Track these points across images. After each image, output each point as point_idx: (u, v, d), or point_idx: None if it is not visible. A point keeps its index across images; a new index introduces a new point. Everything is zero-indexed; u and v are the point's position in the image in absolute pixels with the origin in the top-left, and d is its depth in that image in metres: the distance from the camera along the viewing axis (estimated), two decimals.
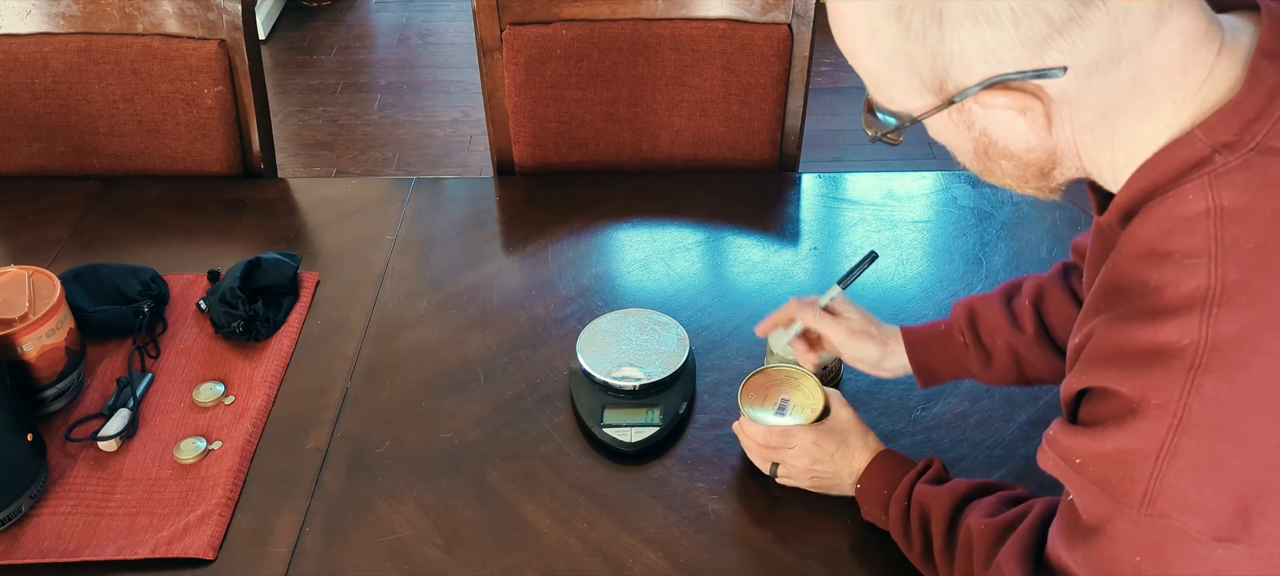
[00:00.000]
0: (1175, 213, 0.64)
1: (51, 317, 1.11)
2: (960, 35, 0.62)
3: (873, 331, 1.06)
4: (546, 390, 1.18)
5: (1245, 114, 0.62)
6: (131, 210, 1.49)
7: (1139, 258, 0.65)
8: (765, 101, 1.59)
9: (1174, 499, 0.63)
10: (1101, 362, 0.67)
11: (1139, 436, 0.63)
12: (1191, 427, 0.61)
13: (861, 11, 0.65)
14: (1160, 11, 0.61)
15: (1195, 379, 0.61)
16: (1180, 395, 0.61)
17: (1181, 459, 0.62)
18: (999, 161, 0.71)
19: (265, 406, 1.16)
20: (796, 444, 1.01)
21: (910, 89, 0.67)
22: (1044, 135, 0.67)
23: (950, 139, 0.72)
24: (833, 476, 1.01)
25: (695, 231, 1.44)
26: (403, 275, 1.36)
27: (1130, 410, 0.64)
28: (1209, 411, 0.61)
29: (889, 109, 0.71)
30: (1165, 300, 0.63)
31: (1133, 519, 0.65)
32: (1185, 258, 0.62)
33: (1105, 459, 0.66)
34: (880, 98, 0.71)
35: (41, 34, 1.55)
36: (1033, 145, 0.68)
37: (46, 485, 1.06)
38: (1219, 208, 0.62)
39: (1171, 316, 0.62)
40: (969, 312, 1.04)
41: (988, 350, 1.02)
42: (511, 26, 1.55)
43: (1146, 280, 0.64)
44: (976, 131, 0.69)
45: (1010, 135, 0.68)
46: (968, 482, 0.91)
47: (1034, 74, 0.62)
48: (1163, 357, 0.62)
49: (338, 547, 1.01)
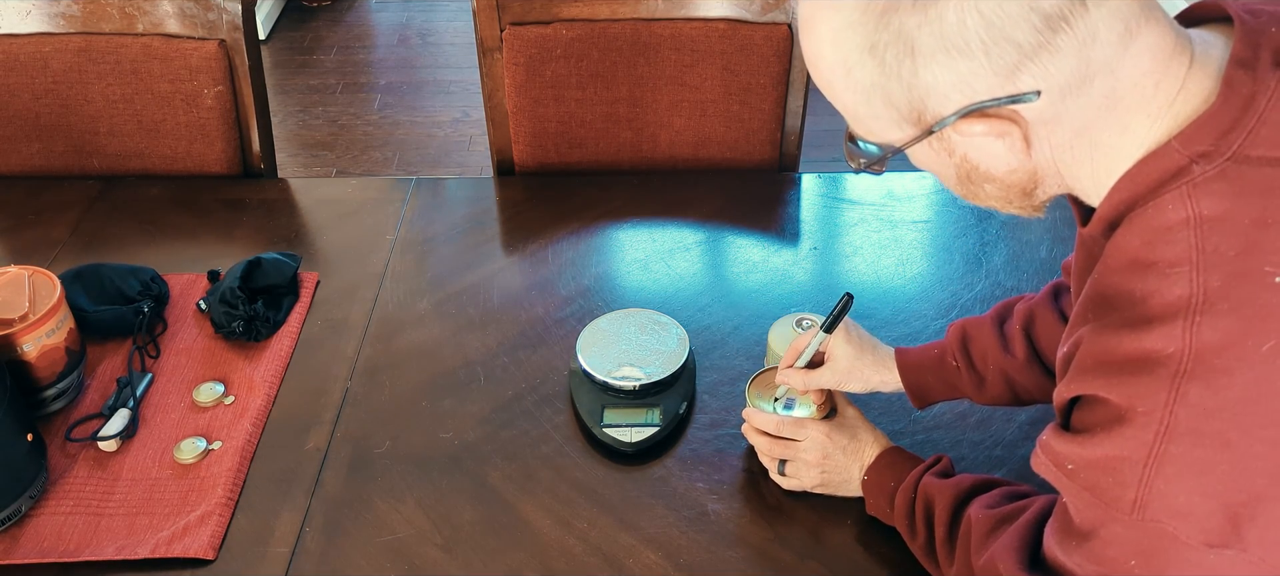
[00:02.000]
0: (1156, 223, 0.64)
1: (51, 317, 1.11)
2: (933, 67, 0.63)
3: (859, 369, 1.04)
4: (546, 390, 1.18)
5: (1221, 124, 0.63)
6: (131, 210, 1.49)
7: (1123, 268, 0.66)
8: (765, 101, 1.59)
9: (1163, 505, 0.64)
10: (1090, 371, 0.67)
11: (1127, 444, 0.64)
12: (1178, 435, 0.62)
13: (836, 51, 0.66)
14: (1127, 30, 0.62)
15: (1180, 386, 0.62)
16: (1166, 403, 0.62)
17: (1169, 466, 0.63)
18: (982, 185, 0.72)
19: (265, 406, 1.16)
20: (809, 436, 1.01)
21: (889, 122, 0.69)
22: (1024, 157, 0.68)
23: (933, 166, 0.73)
24: (844, 471, 1.01)
25: (695, 231, 1.44)
26: (403, 275, 1.36)
27: (1118, 418, 0.65)
28: (1195, 418, 0.62)
29: (870, 141, 0.72)
30: (1150, 309, 0.63)
31: (1124, 523, 0.66)
32: (1168, 267, 0.63)
33: (1096, 465, 0.67)
34: (861, 131, 0.72)
35: (41, 34, 1.55)
36: (1014, 167, 0.69)
37: (46, 485, 1.06)
38: (1199, 217, 0.63)
39: (1156, 325, 0.63)
40: (962, 336, 1.04)
41: (980, 374, 1.03)
42: (511, 26, 1.55)
43: (1131, 290, 0.65)
44: (957, 158, 0.70)
45: (991, 160, 0.69)
46: (973, 477, 0.92)
47: (1009, 100, 0.63)
48: (1148, 366, 0.63)
49: (338, 547, 1.01)
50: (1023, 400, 1.03)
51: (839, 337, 1.04)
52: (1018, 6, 0.60)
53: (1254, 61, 0.63)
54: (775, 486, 1.05)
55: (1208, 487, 0.62)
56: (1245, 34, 0.64)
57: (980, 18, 0.60)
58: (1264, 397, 0.61)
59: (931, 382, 1.05)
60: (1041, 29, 0.61)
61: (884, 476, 0.98)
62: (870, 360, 1.05)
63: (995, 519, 0.84)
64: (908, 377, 1.05)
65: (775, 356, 1.14)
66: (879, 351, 1.06)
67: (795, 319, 1.15)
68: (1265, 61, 0.63)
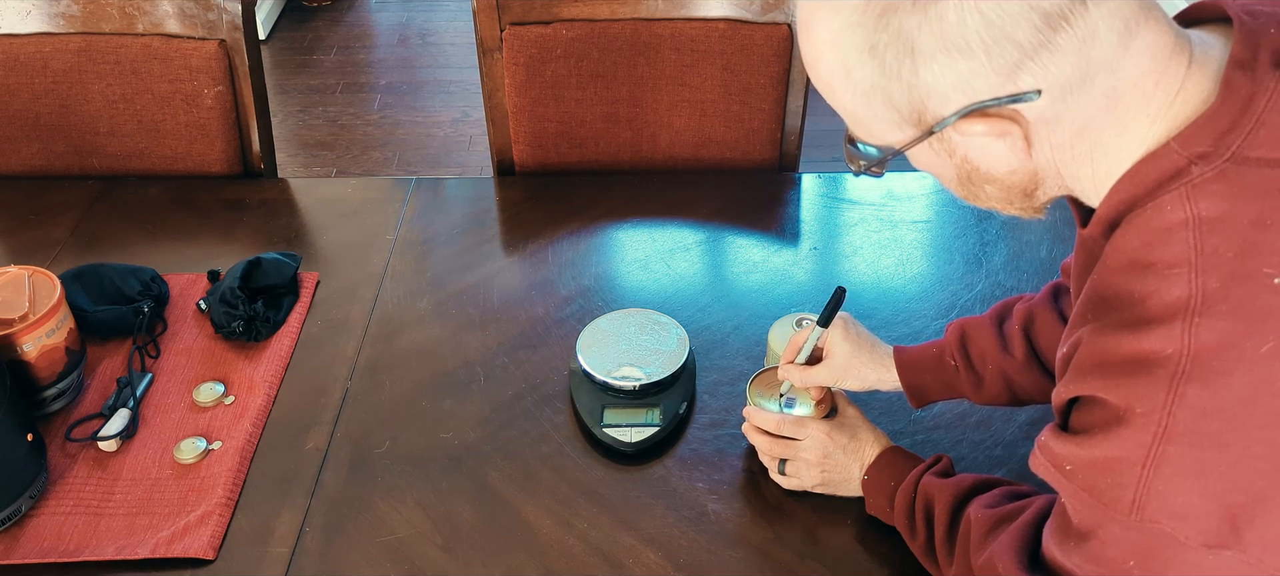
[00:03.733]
0: (1155, 224, 0.64)
1: (51, 317, 1.11)
2: (934, 67, 0.63)
3: (857, 366, 1.04)
4: (546, 390, 1.18)
5: (1219, 125, 0.63)
6: (131, 210, 1.49)
7: (1123, 269, 0.66)
8: (765, 101, 1.59)
9: (1162, 506, 0.64)
10: (1088, 372, 0.67)
11: (1125, 444, 0.64)
12: (1176, 436, 0.62)
13: (835, 53, 0.66)
14: (1126, 29, 0.62)
15: (1179, 387, 0.62)
16: (1164, 404, 0.62)
17: (1167, 466, 0.63)
18: (982, 186, 0.72)
19: (265, 406, 1.16)
20: (810, 435, 1.01)
21: (889, 123, 0.69)
22: (1024, 157, 0.68)
23: (933, 168, 0.73)
24: (844, 470, 1.01)
25: (695, 231, 1.44)
26: (403, 275, 1.36)
27: (1116, 419, 0.65)
28: (1193, 419, 0.62)
29: (870, 143, 0.72)
30: (1148, 310, 0.63)
31: (1123, 524, 0.66)
32: (1167, 268, 0.63)
33: (1094, 466, 0.67)
34: (861, 133, 0.72)
35: (41, 34, 1.55)
36: (1014, 168, 0.69)
37: (46, 485, 1.06)
38: (1198, 218, 0.63)
39: (1155, 326, 0.63)
40: (961, 335, 1.04)
41: (979, 374, 1.03)
42: (511, 26, 1.55)
43: (1130, 291, 0.65)
44: (958, 159, 0.70)
45: (992, 160, 0.69)
46: (974, 477, 0.93)
47: (1009, 99, 0.63)
48: (1147, 367, 0.63)
49: (338, 547, 1.01)
50: (1021, 400, 1.03)
51: (837, 334, 1.04)
52: (1018, 6, 0.60)
53: (1253, 63, 0.63)
54: (775, 486, 1.05)
55: (1206, 488, 0.62)
56: (1244, 35, 0.64)
57: (980, 17, 0.60)
58: (1262, 399, 0.61)
59: (929, 382, 1.05)
60: (1042, 28, 0.61)
61: (884, 476, 0.98)
62: (868, 358, 1.05)
63: (995, 518, 0.84)
64: (905, 376, 1.05)
65: (775, 356, 1.14)
66: (878, 350, 1.06)
67: (795, 319, 1.15)
68: (1264, 62, 0.63)
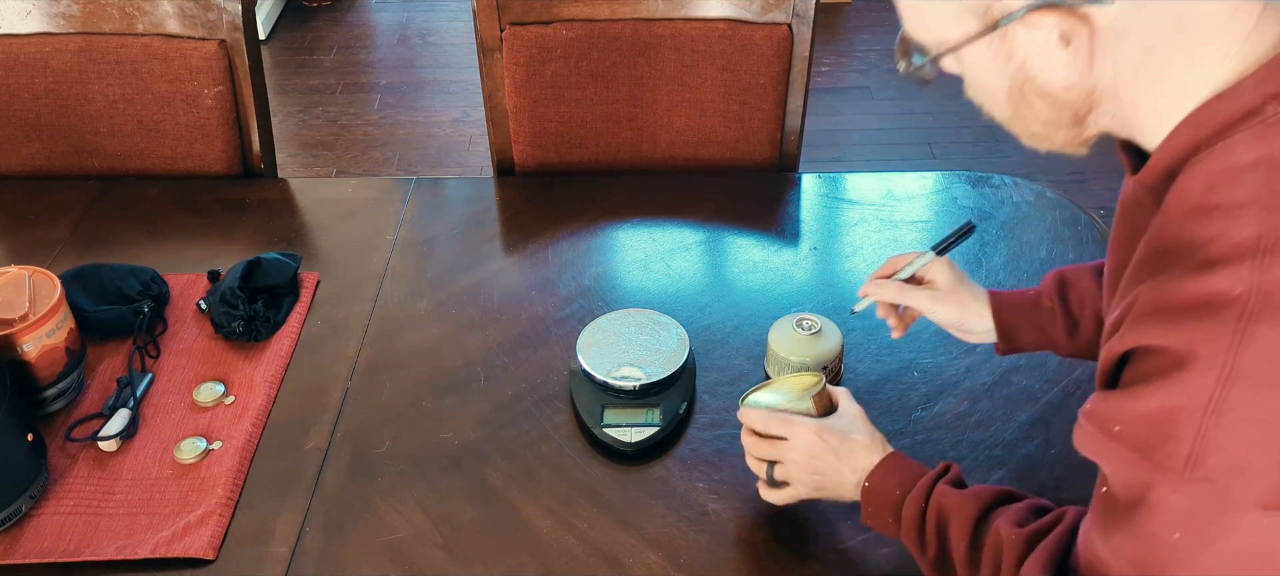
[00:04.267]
0: (1224, 165, 0.62)
1: (51, 317, 1.11)
2: None
3: (957, 296, 1.05)
4: (546, 390, 1.18)
5: None
6: (131, 210, 1.49)
7: (1185, 215, 0.64)
8: (765, 101, 1.59)
9: (1220, 459, 0.60)
10: (1146, 320, 0.64)
11: (1185, 391, 0.61)
12: (1241, 379, 0.59)
13: None
14: None
15: (1246, 327, 0.58)
16: (1230, 344, 0.59)
17: (1229, 414, 0.59)
18: (1033, 102, 0.69)
19: (265, 406, 1.16)
20: (797, 435, 0.95)
21: (951, 15, 0.66)
22: (1085, 70, 0.66)
23: (986, 78, 0.71)
24: (834, 474, 0.95)
25: (695, 231, 1.44)
26: (403, 275, 1.36)
27: (1177, 363, 0.61)
28: (1260, 362, 0.58)
29: (925, 40, 0.70)
30: (1214, 251, 0.61)
31: (1174, 484, 0.62)
32: (1234, 209, 0.61)
33: (1147, 419, 0.63)
34: (918, 29, 0.70)
35: (41, 34, 1.55)
36: (1072, 83, 0.67)
37: (46, 485, 1.06)
38: (1271, 158, 0.61)
39: (1221, 267, 0.60)
40: (1059, 281, 1.03)
41: (1075, 318, 1.01)
42: (511, 26, 1.55)
43: (1194, 235, 0.62)
44: (1015, 64, 0.68)
45: (1050, 70, 0.67)
46: (992, 489, 0.87)
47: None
48: (1212, 308, 0.60)
49: (338, 547, 1.01)
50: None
51: (943, 264, 1.05)
52: None
53: None
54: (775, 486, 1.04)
55: (1268, 440, 0.59)
56: None
57: None
58: None
59: (1022, 324, 1.03)
60: None
61: (887, 484, 0.91)
62: (967, 291, 1.05)
63: (1028, 537, 0.79)
64: (999, 316, 1.03)
65: (775, 356, 1.14)
66: (976, 289, 1.06)
67: (795, 319, 1.15)
68: None
